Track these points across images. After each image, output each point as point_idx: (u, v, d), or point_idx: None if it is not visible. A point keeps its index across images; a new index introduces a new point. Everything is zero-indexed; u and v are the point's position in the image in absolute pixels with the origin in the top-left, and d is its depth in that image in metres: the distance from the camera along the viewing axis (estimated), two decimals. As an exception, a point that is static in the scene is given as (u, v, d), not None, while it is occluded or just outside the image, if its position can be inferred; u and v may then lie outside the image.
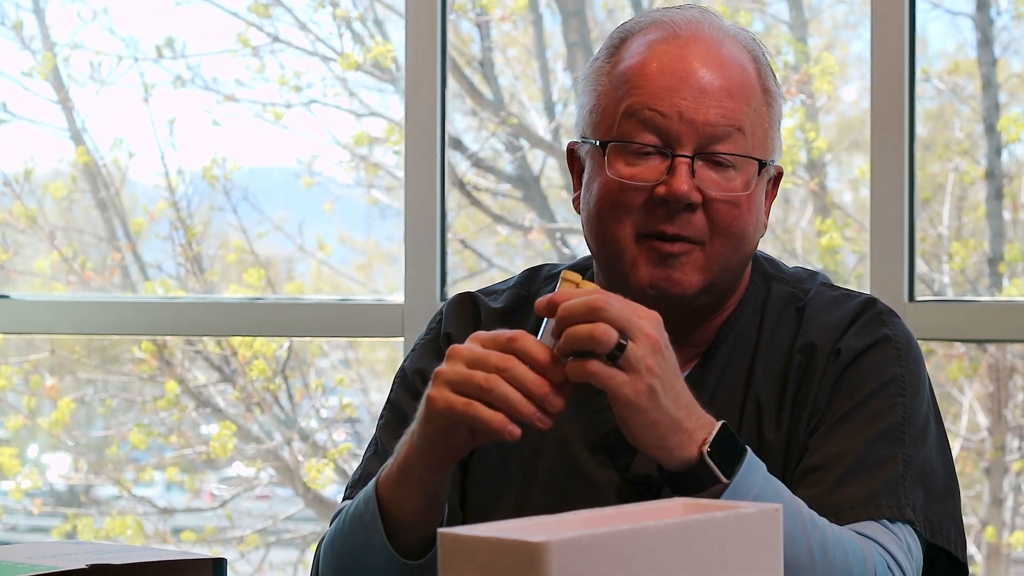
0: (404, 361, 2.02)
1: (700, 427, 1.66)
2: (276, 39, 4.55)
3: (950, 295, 4.51)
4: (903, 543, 1.79)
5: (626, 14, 4.65)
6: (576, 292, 1.64)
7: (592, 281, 1.74)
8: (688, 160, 1.81)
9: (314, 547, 1.93)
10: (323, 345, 4.89)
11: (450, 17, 3.74)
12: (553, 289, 1.86)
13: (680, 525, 1.31)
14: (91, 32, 4.50)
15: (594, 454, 1.89)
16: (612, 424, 1.71)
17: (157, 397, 4.63)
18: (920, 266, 4.50)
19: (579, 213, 1.92)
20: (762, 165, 1.85)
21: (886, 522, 1.79)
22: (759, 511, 1.37)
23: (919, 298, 3.18)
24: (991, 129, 4.47)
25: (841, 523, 1.76)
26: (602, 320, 1.60)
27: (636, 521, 1.30)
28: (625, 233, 1.84)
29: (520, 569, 1.22)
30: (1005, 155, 4.53)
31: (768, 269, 1.97)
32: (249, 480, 4.80)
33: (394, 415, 1.96)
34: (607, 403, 1.68)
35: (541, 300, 1.65)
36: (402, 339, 3.36)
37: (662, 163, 1.82)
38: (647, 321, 1.63)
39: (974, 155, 4.59)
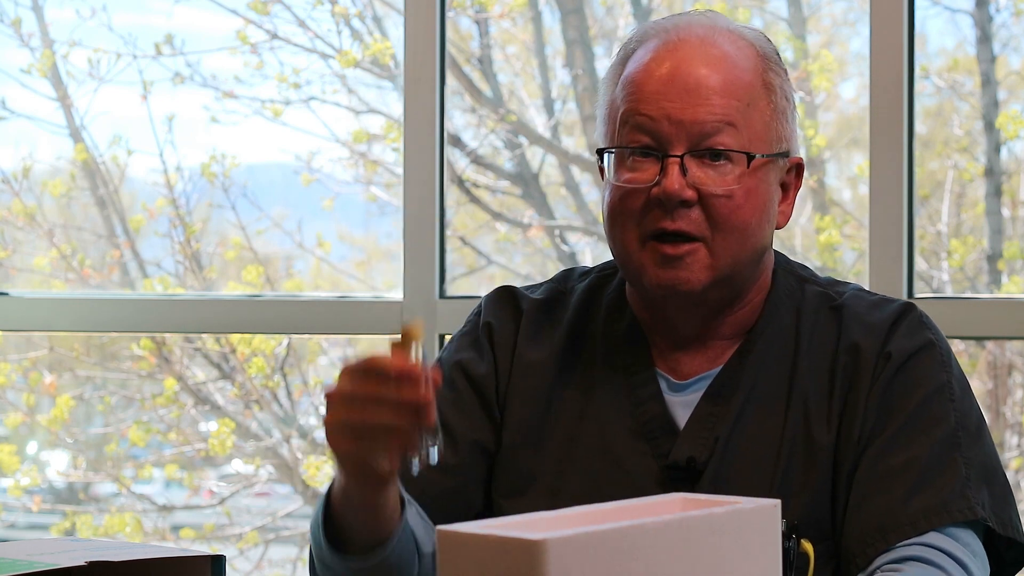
0: (441, 353, 2.04)
1: None
2: (275, 36, 4.54)
3: (949, 292, 4.51)
4: (967, 548, 1.84)
5: (625, 11, 4.65)
6: None
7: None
8: (678, 159, 1.86)
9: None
10: (322, 342, 4.88)
11: (449, 14, 3.73)
12: (587, 286, 2.00)
13: (679, 522, 1.31)
14: (90, 29, 4.50)
15: (634, 442, 1.91)
16: (653, 413, 1.80)
17: (156, 394, 4.62)
18: (919, 263, 4.50)
19: None
20: (751, 158, 1.88)
21: (950, 529, 1.84)
22: (757, 507, 1.37)
23: (918, 295, 3.18)
24: (990, 126, 4.47)
25: (916, 532, 1.82)
26: None
27: (635, 518, 1.30)
28: (631, 237, 1.89)
29: (518, 567, 1.22)
30: (1004, 152, 4.53)
31: (801, 272, 2.02)
32: (248, 477, 4.80)
33: None
34: (648, 394, 1.82)
35: None
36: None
37: (656, 165, 1.88)
38: None
39: (973, 152, 4.58)
